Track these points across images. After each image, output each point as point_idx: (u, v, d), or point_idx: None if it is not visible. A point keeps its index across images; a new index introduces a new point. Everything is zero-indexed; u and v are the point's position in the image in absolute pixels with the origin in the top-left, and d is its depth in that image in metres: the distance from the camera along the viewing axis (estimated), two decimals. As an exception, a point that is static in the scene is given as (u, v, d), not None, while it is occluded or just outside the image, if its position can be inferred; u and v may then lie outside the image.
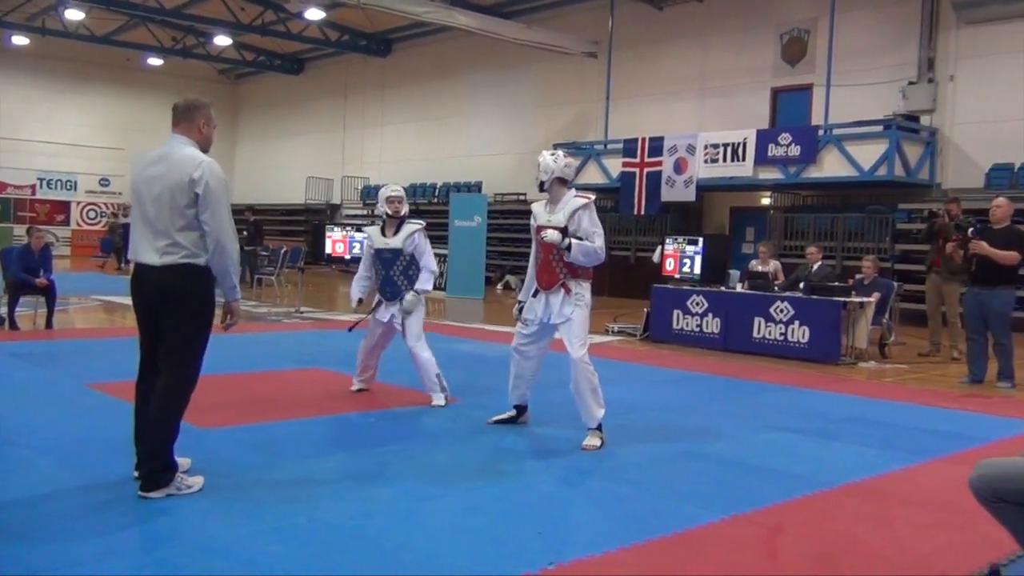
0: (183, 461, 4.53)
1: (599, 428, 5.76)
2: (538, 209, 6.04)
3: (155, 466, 4.28)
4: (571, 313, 5.75)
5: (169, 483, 4.30)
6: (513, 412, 6.30)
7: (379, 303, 7.16)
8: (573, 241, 5.70)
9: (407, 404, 7.02)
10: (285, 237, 28.63)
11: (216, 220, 4.27)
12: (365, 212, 28.65)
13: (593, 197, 5.96)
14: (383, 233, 7.12)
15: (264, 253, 20.61)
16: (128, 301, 4.66)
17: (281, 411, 6.58)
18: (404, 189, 7.44)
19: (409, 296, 6.95)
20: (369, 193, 28.44)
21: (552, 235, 5.73)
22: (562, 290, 5.82)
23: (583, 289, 5.84)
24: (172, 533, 3.88)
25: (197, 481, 4.43)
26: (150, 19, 26.62)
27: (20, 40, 28.64)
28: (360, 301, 7.25)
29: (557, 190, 5.93)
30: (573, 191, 5.98)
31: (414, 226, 7.09)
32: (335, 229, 15.13)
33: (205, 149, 4.50)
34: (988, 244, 8.65)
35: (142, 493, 4.25)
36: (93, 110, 32.62)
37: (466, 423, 6.38)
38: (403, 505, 4.38)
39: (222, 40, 28.91)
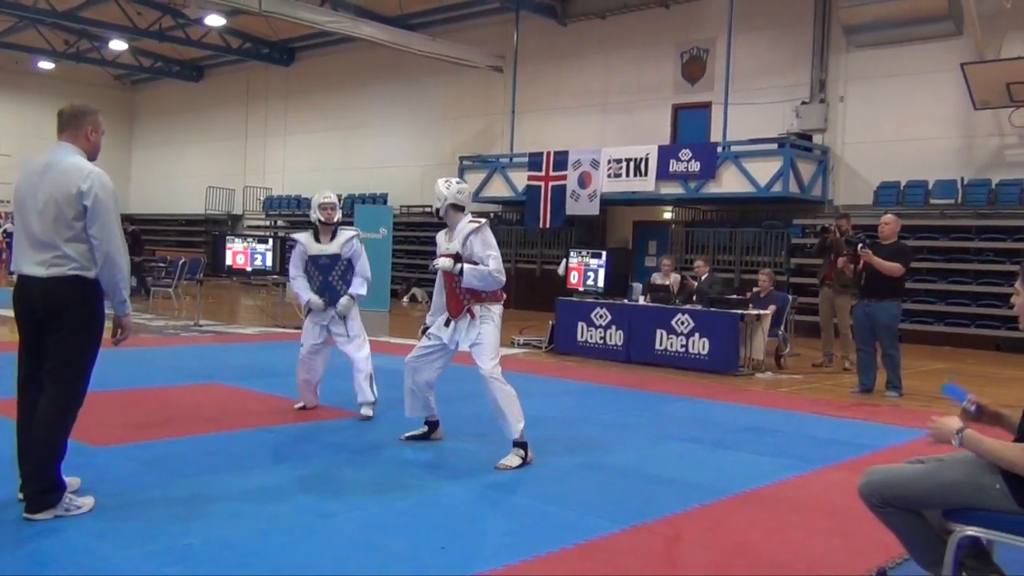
0: (72, 480, 4.35)
1: (522, 446, 5.62)
2: (440, 238, 6.01)
3: (41, 486, 4.10)
4: (477, 335, 5.70)
5: (57, 503, 4.12)
6: (425, 428, 6.22)
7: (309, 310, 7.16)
8: (465, 266, 5.63)
9: (309, 419, 6.91)
10: (184, 248, 27.90)
11: (106, 233, 4.13)
12: (268, 223, 28.16)
13: (484, 221, 5.91)
14: (317, 240, 7.07)
15: (161, 264, 20.05)
16: (10, 313, 4.45)
17: (177, 428, 6.39)
18: (308, 200, 7.41)
19: (344, 300, 6.95)
20: (272, 204, 27.96)
21: (443, 263, 5.70)
22: (468, 316, 5.78)
23: (490, 311, 5.78)
24: (60, 555, 3.73)
25: (87, 502, 4.26)
26: (41, 21, 25.67)
27: (-102, 40, 27.28)
28: (318, 303, 7.06)
29: (453, 216, 5.87)
30: (468, 216, 5.92)
31: (350, 232, 7.14)
32: (236, 240, 14.80)
33: (93, 157, 4.34)
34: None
35: (27, 515, 4.07)
36: (-21, 114, 31.27)
37: (370, 437, 6.31)
38: (303, 522, 4.30)
39: (118, 45, 28.07)
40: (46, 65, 30.29)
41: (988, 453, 3.13)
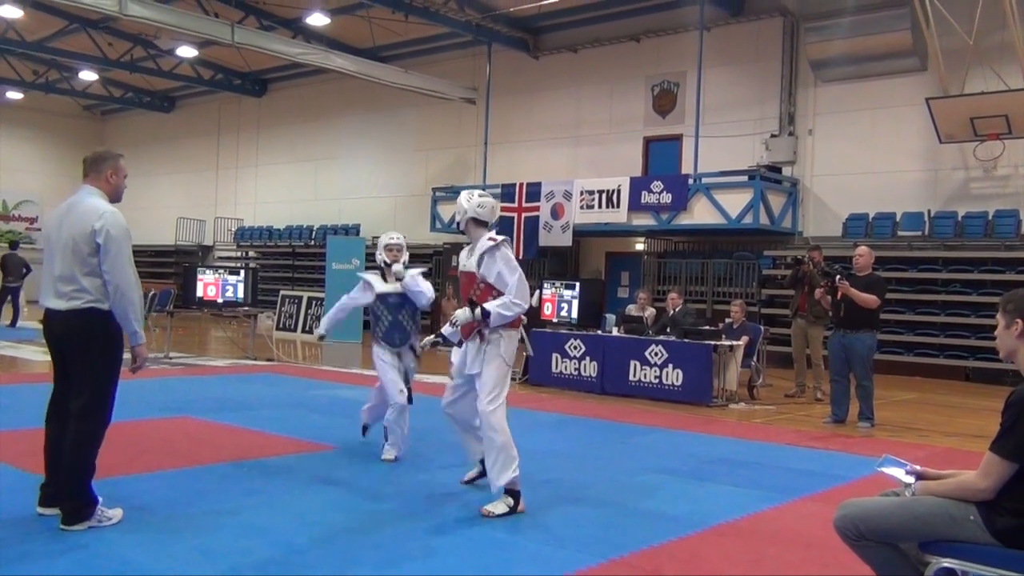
0: (114, 513, 4.73)
1: (513, 495, 5.27)
2: (462, 254, 5.72)
3: (76, 503, 4.54)
4: (481, 367, 5.36)
5: (91, 516, 4.55)
6: (481, 468, 5.72)
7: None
8: (489, 308, 5.25)
9: (283, 453, 6.83)
10: (153, 280, 27.60)
11: (116, 268, 4.53)
12: (239, 254, 27.99)
13: (503, 239, 5.47)
14: (384, 279, 6.98)
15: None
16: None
17: (147, 463, 6.29)
18: (280, 231, 7.36)
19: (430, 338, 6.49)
20: (243, 235, 27.81)
21: (462, 316, 5.35)
22: (478, 338, 5.42)
23: (501, 339, 5.35)
24: None
25: (116, 513, 4.68)
26: (10, 51, 25.50)
27: None
28: (323, 337, 7.16)
29: (473, 231, 5.52)
30: (489, 232, 5.55)
31: (415, 270, 7.09)
32: (207, 272, 14.69)
33: (116, 198, 4.79)
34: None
35: (64, 527, 4.49)
36: (-56, 144, 30.95)
37: (344, 472, 6.24)
38: (275, 558, 4.24)
39: (88, 75, 27.93)
40: (14, 95, 30.08)
41: (943, 494, 3.27)
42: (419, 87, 21.59)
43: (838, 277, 9.24)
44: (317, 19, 20.70)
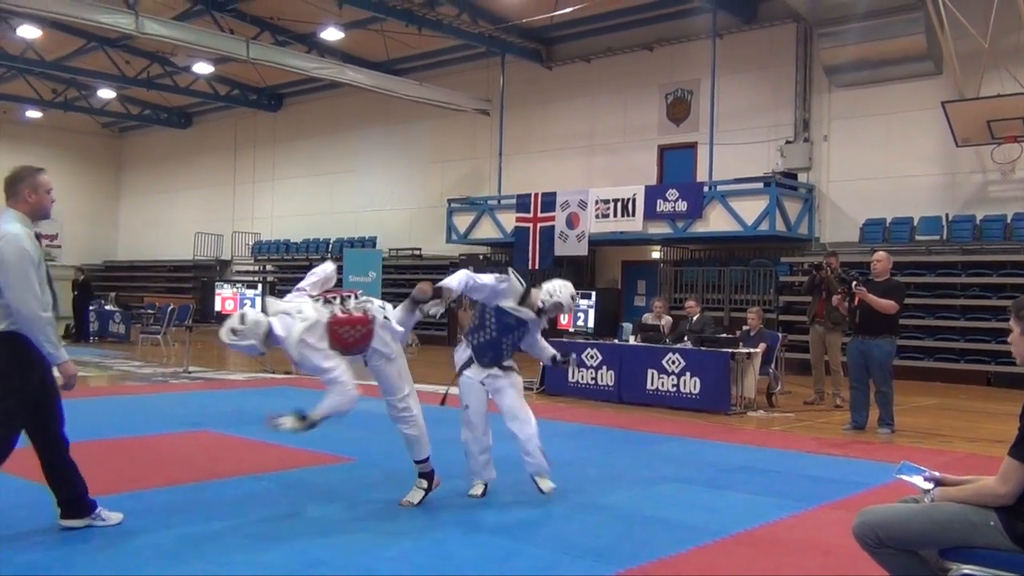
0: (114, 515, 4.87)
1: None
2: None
3: None
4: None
5: None
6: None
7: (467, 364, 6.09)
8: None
9: (302, 465, 6.85)
10: (172, 295, 27.80)
11: (12, 291, 4.42)
12: (256, 268, 28.14)
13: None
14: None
15: (150, 311, 19.98)
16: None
17: (167, 476, 6.33)
18: (297, 244, 7.27)
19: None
20: (261, 249, 27.96)
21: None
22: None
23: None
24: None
25: (116, 516, 4.87)
26: (29, 71, 25.80)
27: None
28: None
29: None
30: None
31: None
32: (225, 286, 14.79)
33: (40, 215, 4.71)
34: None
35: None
36: (-35, 164, 31.26)
37: (359, 484, 6.25)
38: (295, 570, 4.25)
39: (106, 93, 28.21)
40: (34, 114, 30.41)
41: (962, 500, 3.24)
42: (433, 99, 21.68)
43: (855, 283, 9.18)
44: (331, 34, 20.84)
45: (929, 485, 3.37)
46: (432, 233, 22.72)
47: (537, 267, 19.32)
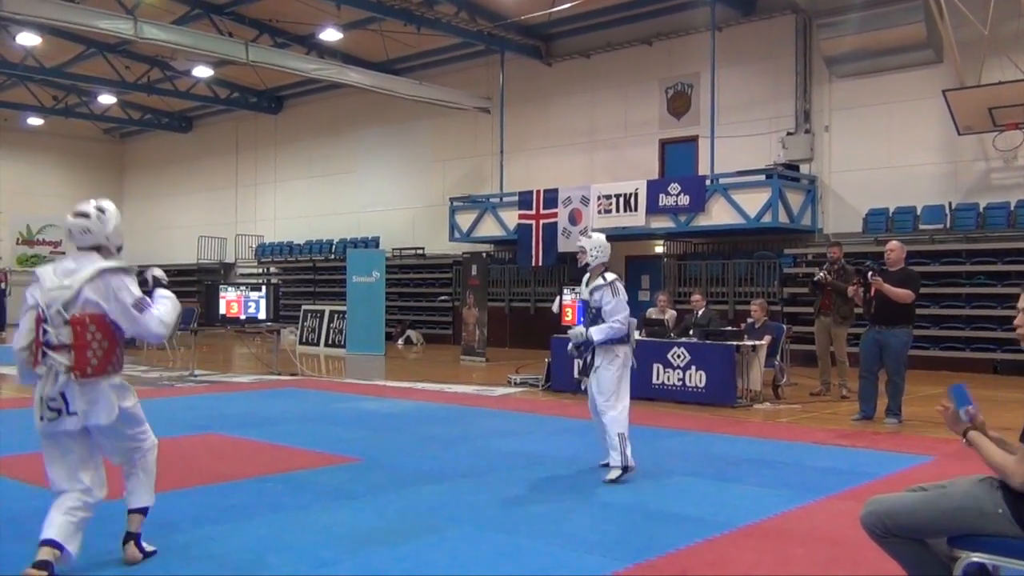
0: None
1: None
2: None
3: None
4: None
5: None
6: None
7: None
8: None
9: (308, 467, 6.85)
10: (177, 298, 27.78)
11: None
12: (260, 270, 28.15)
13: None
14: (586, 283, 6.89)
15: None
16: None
17: (173, 480, 6.33)
18: (300, 246, 7.37)
19: (574, 329, 6.73)
20: (264, 251, 27.98)
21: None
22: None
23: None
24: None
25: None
26: (30, 78, 25.83)
27: None
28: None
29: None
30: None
31: (599, 280, 6.74)
32: (229, 289, 14.78)
33: None
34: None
35: None
36: (-32, 172, 31.38)
37: (366, 484, 6.26)
38: (303, 571, 4.26)
39: (106, 99, 28.23)
40: (35, 121, 30.46)
41: (984, 455, 3.22)
42: (433, 98, 21.67)
43: (871, 273, 9.12)
44: (330, 34, 20.83)
45: (966, 418, 3.34)
46: (435, 232, 22.72)
47: (540, 264, 19.32)
